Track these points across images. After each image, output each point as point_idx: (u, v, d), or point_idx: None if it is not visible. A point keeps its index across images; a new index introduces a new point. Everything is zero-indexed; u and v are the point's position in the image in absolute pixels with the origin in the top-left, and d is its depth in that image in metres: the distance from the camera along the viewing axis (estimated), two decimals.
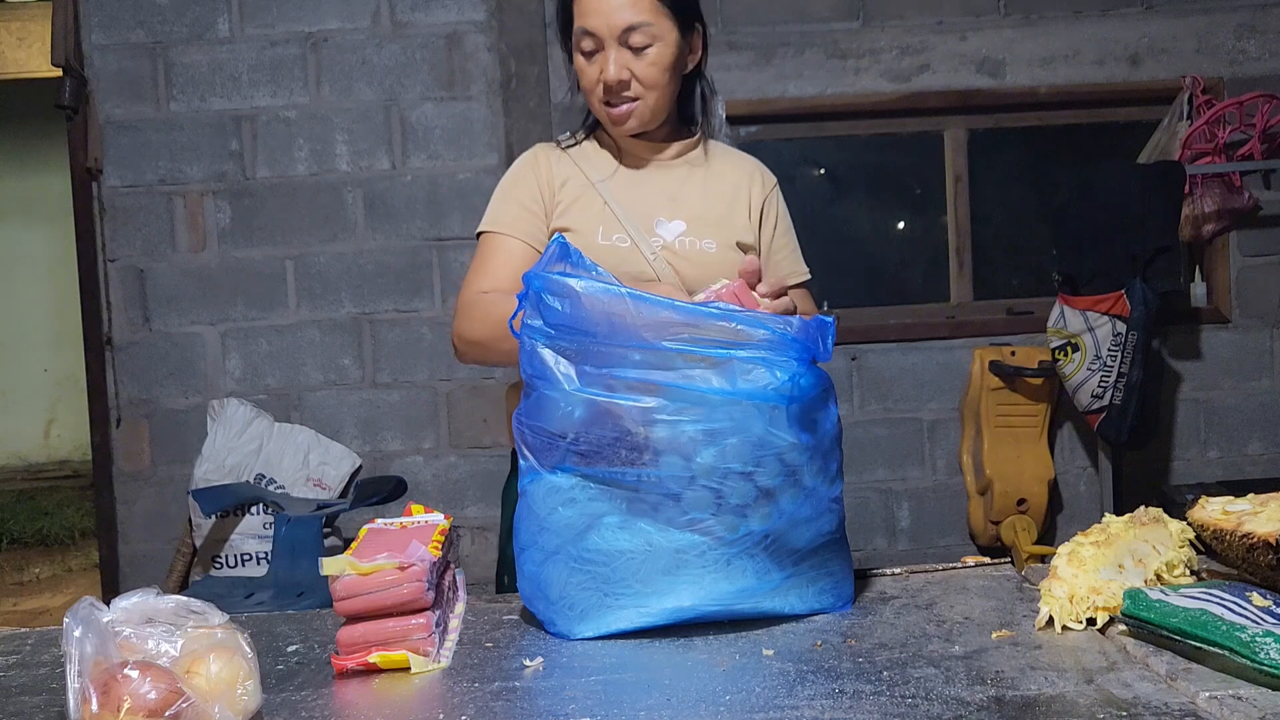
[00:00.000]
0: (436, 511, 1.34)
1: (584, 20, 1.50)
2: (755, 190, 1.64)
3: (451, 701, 0.97)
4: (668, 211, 1.58)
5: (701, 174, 1.63)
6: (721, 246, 1.57)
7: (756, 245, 1.62)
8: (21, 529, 5.96)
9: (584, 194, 1.57)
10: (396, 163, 3.66)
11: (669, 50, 1.51)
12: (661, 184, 1.60)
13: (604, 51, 1.50)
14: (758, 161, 1.70)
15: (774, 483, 1.10)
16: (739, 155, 1.69)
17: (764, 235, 1.64)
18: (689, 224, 1.57)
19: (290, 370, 3.67)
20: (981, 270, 3.90)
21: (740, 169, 1.66)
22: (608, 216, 1.55)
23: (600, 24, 1.48)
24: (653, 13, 1.49)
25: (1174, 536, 1.14)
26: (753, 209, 1.63)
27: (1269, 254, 3.81)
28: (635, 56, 1.50)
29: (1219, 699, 0.86)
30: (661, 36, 1.50)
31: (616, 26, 1.48)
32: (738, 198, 1.62)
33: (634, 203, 1.57)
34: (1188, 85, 3.61)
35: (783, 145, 3.84)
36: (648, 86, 1.51)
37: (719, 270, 1.55)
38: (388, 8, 3.65)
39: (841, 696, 0.93)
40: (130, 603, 0.90)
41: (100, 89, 3.61)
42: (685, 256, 1.55)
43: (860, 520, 3.72)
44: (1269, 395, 3.83)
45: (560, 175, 1.59)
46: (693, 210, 1.59)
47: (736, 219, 1.61)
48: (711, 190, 1.62)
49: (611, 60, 1.49)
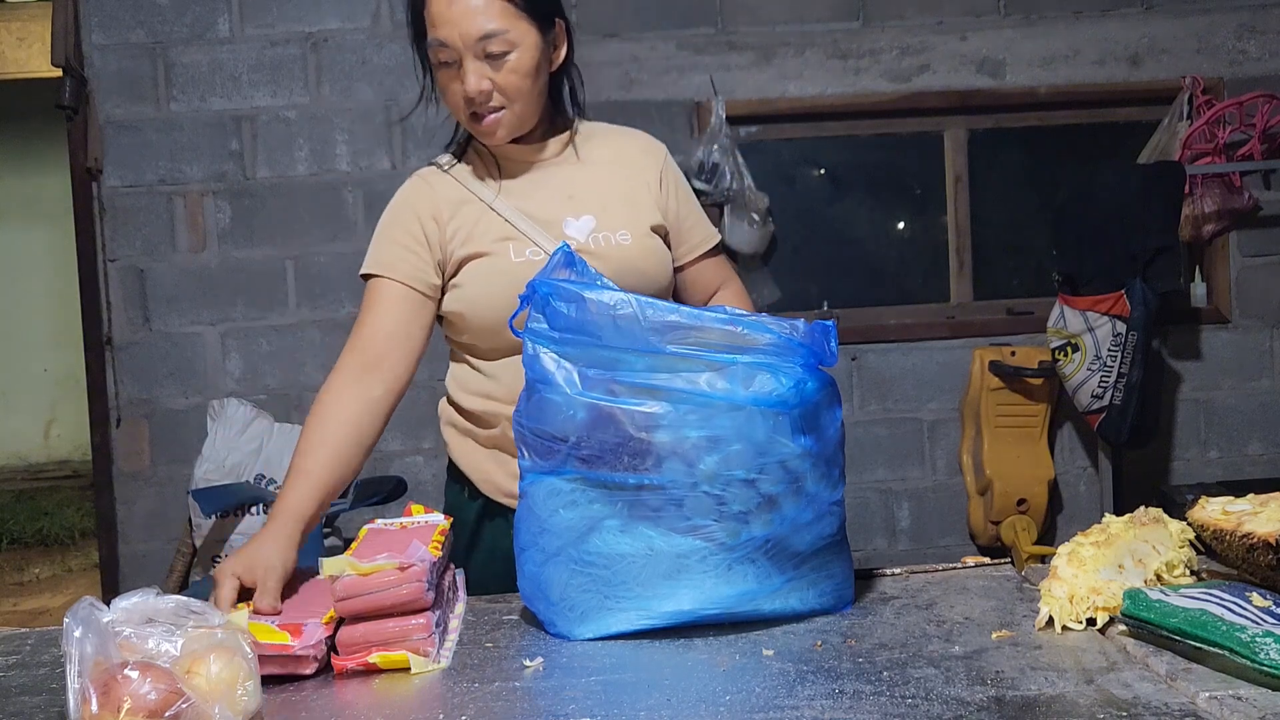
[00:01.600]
0: (436, 512, 1.34)
1: (436, 31, 1.41)
2: (649, 165, 1.57)
3: (451, 701, 0.97)
4: (571, 209, 1.50)
5: (590, 163, 1.55)
6: (636, 235, 1.50)
7: (664, 223, 1.55)
8: (21, 529, 5.96)
9: (481, 216, 1.49)
10: (396, 163, 3.66)
11: (530, 54, 1.42)
12: (555, 184, 1.53)
13: (463, 64, 1.41)
14: (639, 133, 1.62)
15: (777, 489, 1.10)
16: (619, 132, 1.61)
17: (669, 209, 1.57)
18: (597, 217, 1.50)
19: (290, 370, 3.66)
20: (981, 270, 3.90)
21: (630, 146, 1.58)
22: (512, 233, 1.48)
23: (453, 34, 1.40)
24: (507, 18, 1.40)
25: (1174, 536, 1.14)
26: (651, 185, 1.55)
27: (1269, 254, 3.80)
28: (494, 66, 1.41)
29: (1219, 699, 0.86)
30: (519, 41, 1.41)
31: (470, 36, 1.39)
32: (635, 179, 1.55)
33: (534, 211, 1.49)
34: (1188, 85, 3.61)
35: (783, 145, 3.83)
36: (511, 96, 1.43)
37: (638, 262, 1.49)
38: (388, 8, 3.65)
39: (841, 696, 0.93)
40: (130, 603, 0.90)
41: (100, 89, 3.61)
42: (601, 254, 1.46)
43: (860, 520, 3.72)
44: (1269, 395, 3.82)
45: (450, 201, 1.50)
46: (596, 202, 1.51)
47: (641, 202, 1.53)
48: (608, 176, 1.54)
49: (470, 72, 1.41)
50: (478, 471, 1.55)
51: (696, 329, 1.09)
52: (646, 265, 1.50)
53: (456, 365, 1.58)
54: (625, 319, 1.09)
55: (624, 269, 1.45)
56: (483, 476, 1.55)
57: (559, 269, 1.18)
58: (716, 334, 1.10)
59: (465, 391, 1.55)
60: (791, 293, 3.81)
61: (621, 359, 1.10)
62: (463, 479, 1.59)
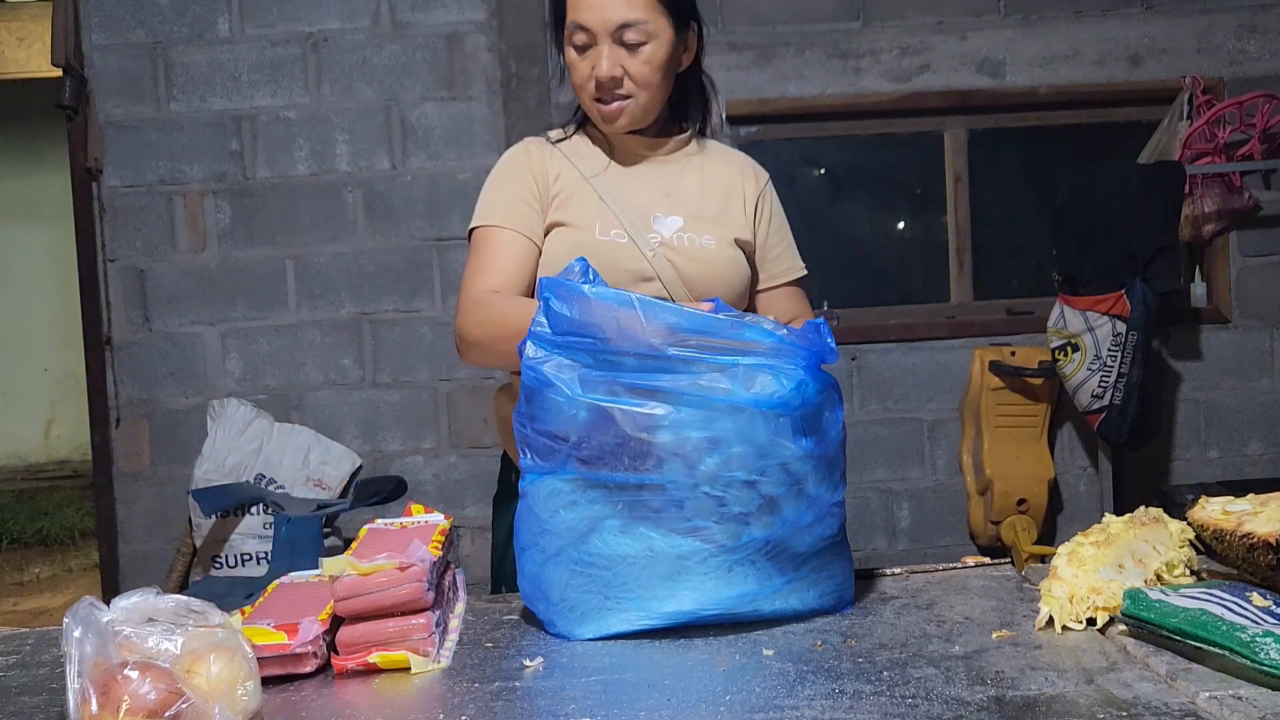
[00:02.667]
0: (437, 511, 1.34)
1: (577, 14, 1.47)
2: (749, 186, 1.62)
3: (451, 701, 0.97)
4: (664, 207, 1.55)
5: (696, 170, 1.60)
6: (720, 243, 1.55)
7: (752, 241, 1.61)
8: (21, 529, 5.96)
9: (578, 189, 1.54)
10: (396, 163, 3.66)
11: (663, 48, 1.48)
12: (656, 179, 1.58)
13: (597, 47, 1.47)
14: (750, 158, 1.68)
15: (778, 491, 1.10)
16: (732, 152, 1.67)
17: (759, 231, 1.62)
18: (686, 220, 1.55)
19: (290, 370, 3.66)
20: (981, 270, 3.90)
21: (734, 165, 1.64)
22: (604, 211, 1.52)
23: (594, 19, 1.45)
24: (648, 10, 1.46)
25: (1174, 536, 1.14)
26: (747, 205, 1.61)
27: (1269, 254, 3.80)
28: (629, 54, 1.47)
29: (1219, 699, 0.86)
30: (656, 34, 1.47)
31: (611, 22, 1.45)
32: (732, 194, 1.60)
33: (629, 198, 1.54)
34: (1188, 85, 3.61)
35: (783, 145, 3.83)
36: (640, 85, 1.49)
37: (718, 266, 1.54)
38: (388, 8, 3.65)
39: (841, 696, 0.93)
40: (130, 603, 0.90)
41: (100, 89, 3.61)
42: (683, 252, 1.52)
43: (860, 520, 3.72)
44: (1269, 395, 3.83)
45: (553, 169, 1.56)
46: (689, 206, 1.56)
47: (733, 215, 1.59)
48: (706, 186, 1.59)
49: (604, 57, 1.46)
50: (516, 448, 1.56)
51: (698, 331, 1.09)
52: (725, 272, 1.54)
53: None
54: (627, 320, 1.09)
55: (704, 271, 1.52)
56: None
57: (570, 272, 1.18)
58: (717, 336, 1.09)
59: None
60: None
61: (623, 360, 1.10)
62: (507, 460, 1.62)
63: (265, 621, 1.10)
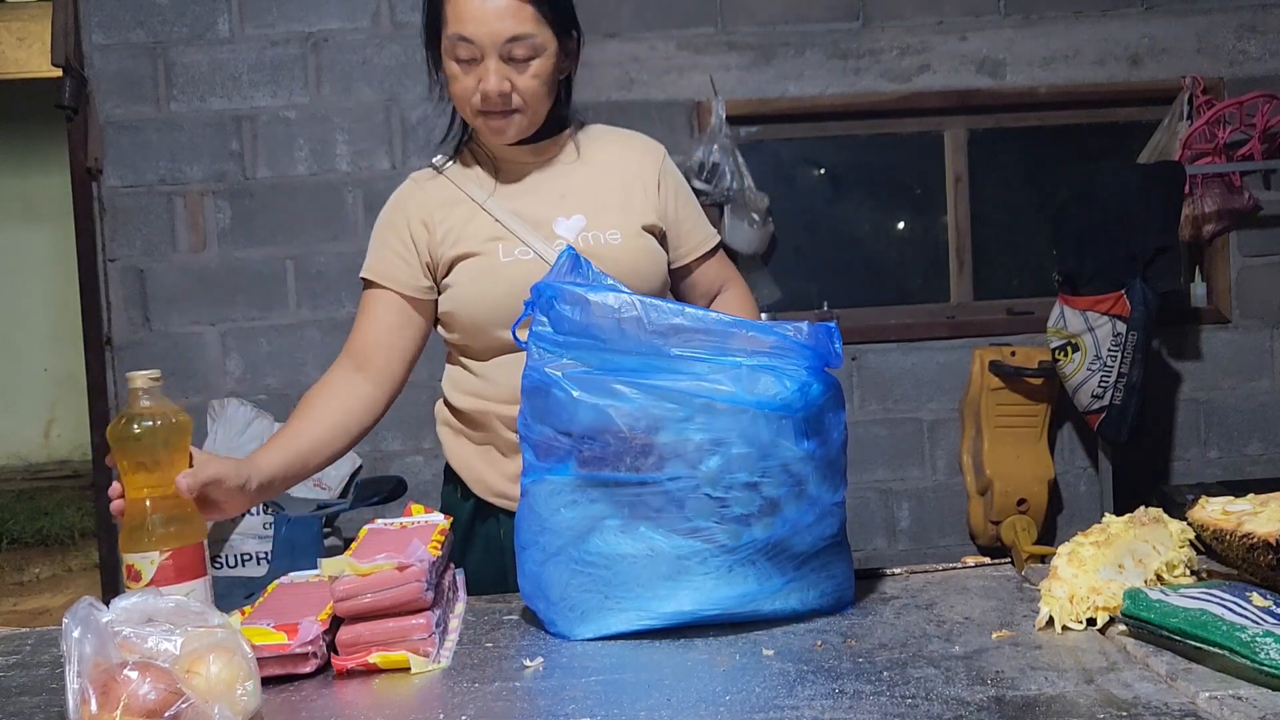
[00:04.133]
0: (436, 511, 1.34)
1: (461, 27, 1.40)
2: (647, 166, 1.57)
3: (451, 701, 0.97)
4: (563, 209, 1.51)
5: (587, 164, 1.55)
6: (626, 235, 1.50)
7: (661, 223, 1.55)
8: (21, 529, 5.96)
9: (473, 216, 1.50)
10: (396, 163, 3.66)
11: (550, 61, 1.44)
12: (548, 184, 1.53)
13: (483, 62, 1.41)
14: (639, 135, 1.62)
15: (779, 492, 1.09)
16: (620, 133, 1.62)
17: (666, 211, 1.57)
18: (588, 217, 1.50)
19: (290, 370, 3.66)
20: (981, 270, 3.90)
21: (626, 149, 1.59)
22: (502, 233, 1.49)
23: (481, 33, 1.39)
24: (535, 23, 1.41)
25: (1174, 536, 1.14)
26: (648, 186, 1.55)
27: (1269, 254, 3.81)
28: (516, 68, 1.42)
29: (1219, 699, 0.86)
30: (544, 48, 1.42)
31: (499, 36, 1.39)
32: (630, 179, 1.55)
33: (525, 211, 1.50)
34: (1188, 85, 3.61)
35: (783, 145, 3.84)
36: (528, 100, 1.44)
37: (629, 259, 1.49)
38: (388, 8, 3.65)
39: (841, 696, 0.93)
40: (130, 603, 0.90)
41: (100, 89, 3.61)
42: (592, 252, 1.45)
43: (860, 520, 3.72)
44: (1269, 395, 3.83)
45: (442, 203, 1.51)
46: (588, 201, 1.52)
47: (634, 203, 1.54)
48: (602, 177, 1.55)
49: (492, 72, 1.41)
50: (470, 471, 1.56)
51: (701, 332, 1.09)
52: (637, 264, 1.50)
53: (451, 366, 1.60)
54: (629, 322, 1.09)
55: (614, 268, 1.43)
56: (475, 476, 1.56)
57: (565, 272, 1.18)
58: (721, 337, 1.09)
59: (458, 391, 1.56)
60: (792, 293, 3.81)
61: (625, 361, 1.10)
62: (456, 479, 1.60)
63: (265, 621, 1.10)
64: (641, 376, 1.09)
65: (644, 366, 1.09)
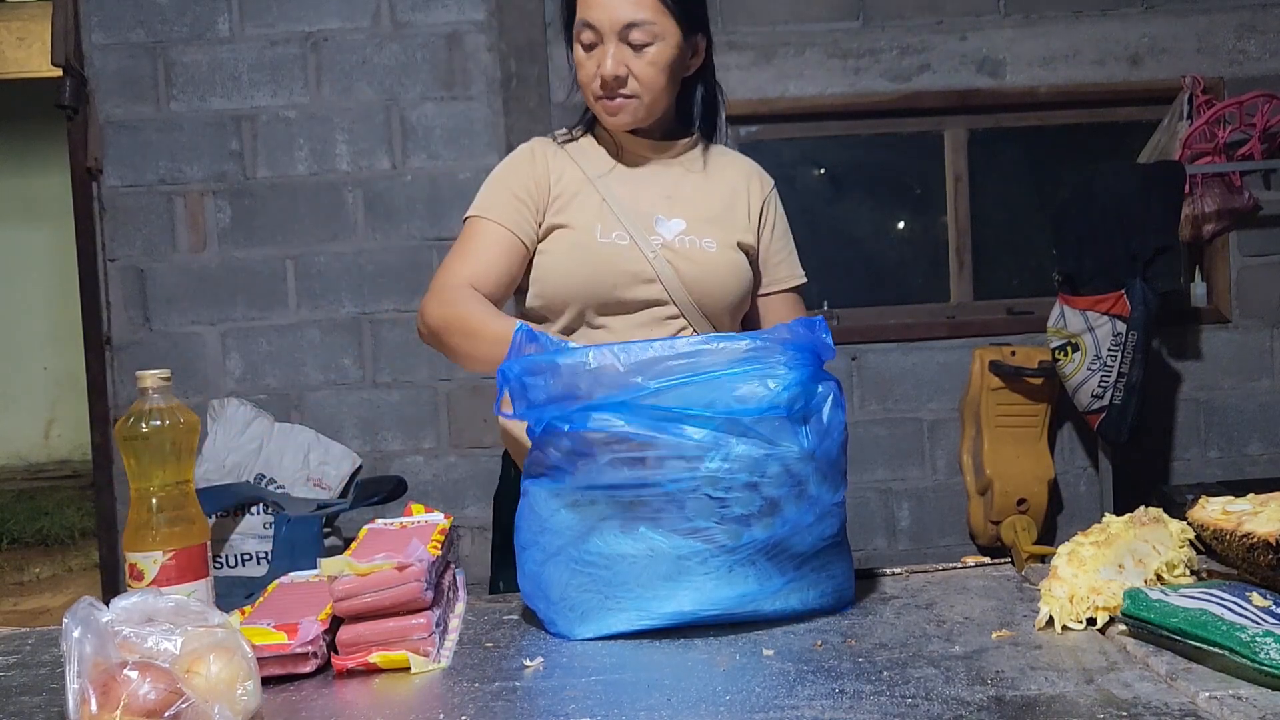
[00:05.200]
0: (437, 511, 1.34)
1: (586, 12, 1.49)
2: (754, 191, 1.64)
3: (451, 701, 0.97)
4: (666, 209, 1.56)
5: (700, 174, 1.62)
6: (721, 246, 1.56)
7: (755, 246, 1.62)
8: (21, 529, 5.96)
9: (581, 190, 1.56)
10: (396, 163, 3.66)
11: (669, 50, 1.49)
12: (660, 182, 1.59)
13: (603, 45, 1.48)
14: (755, 164, 1.69)
15: (779, 492, 1.09)
16: (737, 157, 1.68)
17: (763, 237, 1.64)
18: (688, 222, 1.56)
19: (290, 370, 3.67)
20: (981, 270, 3.90)
21: (739, 170, 1.65)
22: (606, 213, 1.54)
23: (601, 17, 1.47)
24: (655, 11, 1.47)
25: (1174, 536, 1.14)
26: (751, 210, 1.62)
27: (1269, 254, 3.81)
28: (634, 53, 1.48)
29: (1219, 699, 0.86)
30: (662, 36, 1.48)
31: (618, 21, 1.46)
32: (736, 198, 1.61)
33: (632, 200, 1.56)
34: (1188, 85, 3.61)
35: (783, 145, 3.84)
36: (644, 85, 1.50)
37: (718, 269, 1.55)
38: (388, 8, 3.65)
39: (841, 696, 0.93)
40: (130, 602, 0.89)
41: (100, 89, 3.61)
42: (685, 255, 1.53)
43: (860, 520, 3.72)
44: (1269, 395, 3.83)
45: (556, 170, 1.57)
46: (692, 208, 1.57)
47: (736, 219, 1.60)
48: (710, 189, 1.60)
49: (610, 55, 1.48)
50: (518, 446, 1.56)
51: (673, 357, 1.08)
52: (726, 275, 1.55)
53: None
54: (604, 370, 1.08)
55: (704, 273, 1.53)
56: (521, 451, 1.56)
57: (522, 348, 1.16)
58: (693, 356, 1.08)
59: None
60: None
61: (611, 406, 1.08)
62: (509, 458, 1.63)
63: (265, 621, 1.10)
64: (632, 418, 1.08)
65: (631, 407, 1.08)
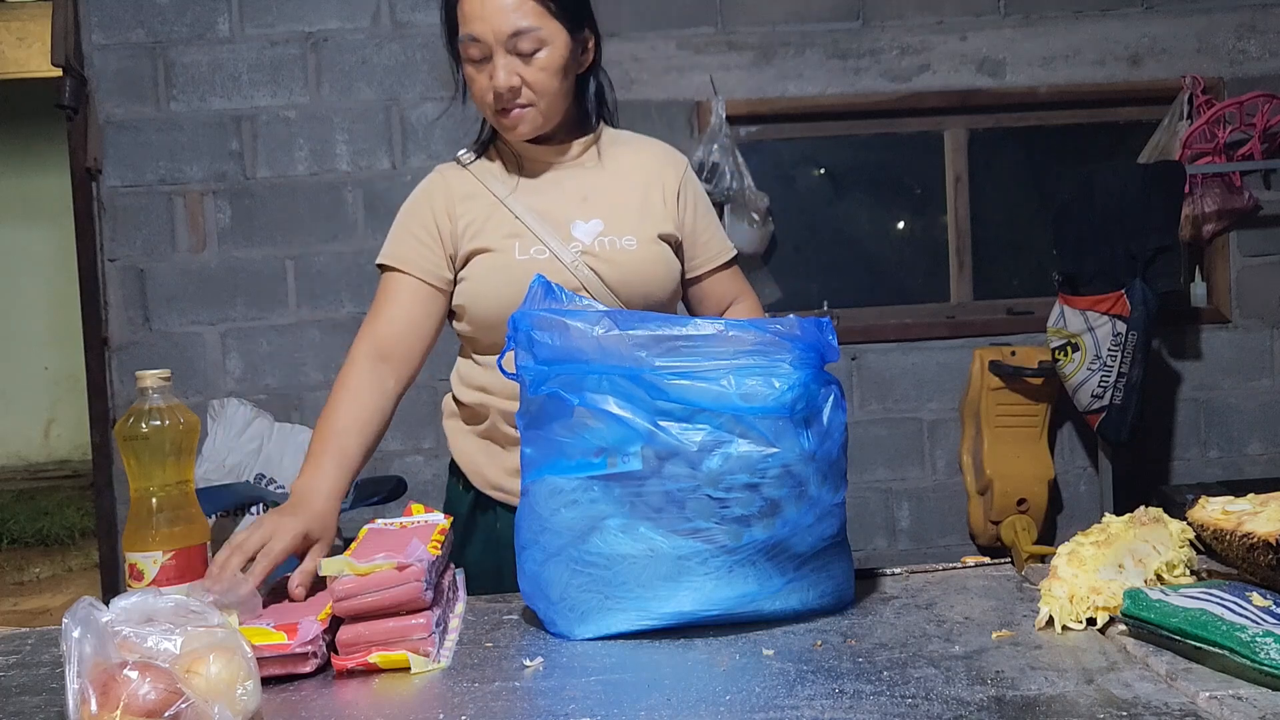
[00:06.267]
0: (437, 511, 1.34)
1: (469, 26, 1.45)
2: (669, 176, 1.59)
3: (451, 701, 0.97)
4: (582, 212, 1.52)
5: (609, 169, 1.57)
6: (642, 241, 1.52)
7: (677, 233, 1.57)
8: (21, 529, 5.96)
9: (493, 212, 1.52)
10: (396, 163, 3.66)
11: (559, 54, 1.45)
12: (570, 186, 1.55)
13: (492, 59, 1.44)
14: (665, 145, 1.64)
15: (779, 493, 1.09)
16: (646, 141, 1.63)
17: (685, 220, 1.59)
18: (606, 222, 1.52)
19: (290, 370, 3.67)
20: (981, 270, 3.90)
21: (649, 156, 1.60)
22: (521, 230, 1.50)
23: (485, 30, 1.43)
24: (538, 16, 1.43)
25: (1174, 536, 1.14)
26: (668, 196, 1.57)
27: (1269, 254, 3.81)
28: (524, 62, 1.45)
29: (1219, 699, 0.86)
30: (550, 40, 1.44)
31: (502, 32, 1.42)
32: (650, 187, 1.57)
33: (545, 210, 1.52)
34: (1188, 85, 3.61)
35: (783, 145, 3.83)
36: (539, 92, 1.46)
37: (642, 266, 1.51)
38: (388, 8, 3.65)
39: (841, 696, 0.93)
40: (129, 602, 0.90)
41: (100, 89, 3.61)
42: (605, 258, 1.49)
43: (860, 520, 3.72)
44: (1269, 395, 3.83)
45: (464, 196, 1.54)
46: (607, 207, 1.53)
47: (653, 210, 1.55)
48: (622, 184, 1.56)
49: (500, 67, 1.44)
50: (470, 464, 1.58)
51: (683, 339, 1.08)
52: (650, 271, 1.53)
53: (461, 359, 1.63)
54: (610, 339, 1.09)
55: (627, 273, 1.50)
56: (474, 469, 1.57)
57: (539, 300, 1.17)
58: (703, 341, 1.08)
59: (463, 384, 1.58)
60: (791, 293, 3.81)
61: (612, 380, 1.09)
62: (459, 472, 1.61)
63: (265, 621, 1.10)
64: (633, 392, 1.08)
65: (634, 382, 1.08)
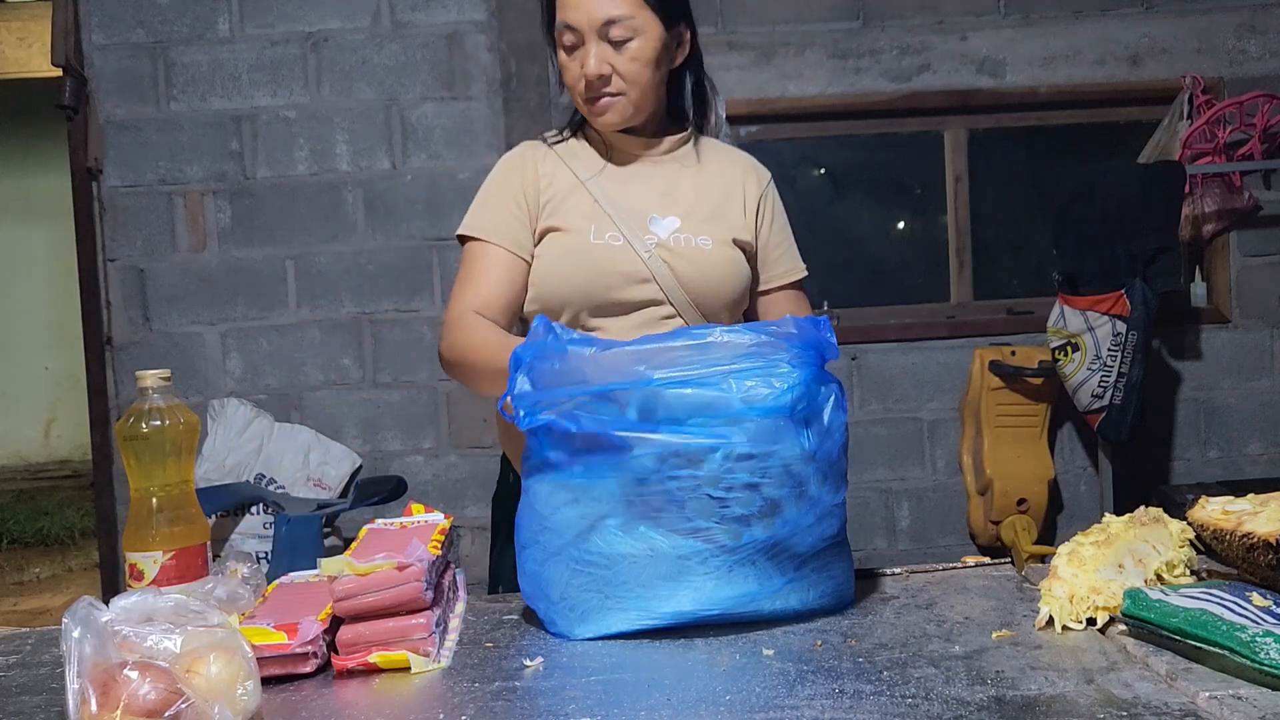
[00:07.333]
0: (437, 511, 1.34)
1: (565, 14, 1.48)
2: (750, 186, 1.61)
3: (451, 701, 0.97)
4: (660, 207, 1.54)
5: (694, 170, 1.59)
6: (717, 243, 1.54)
7: (753, 242, 1.60)
8: (21, 529, 5.96)
9: (573, 192, 1.54)
10: (396, 163, 3.66)
11: (650, 44, 1.48)
12: (653, 180, 1.57)
13: (585, 46, 1.47)
14: (752, 158, 1.66)
15: (780, 493, 1.09)
16: (733, 151, 1.66)
17: (760, 232, 1.61)
18: (683, 220, 1.54)
19: (290, 370, 3.66)
20: (981, 270, 3.90)
21: (735, 165, 1.63)
22: (599, 214, 1.52)
23: (580, 18, 1.46)
24: (633, 6, 1.46)
25: (1174, 536, 1.14)
26: (748, 205, 1.60)
27: (1269, 254, 3.81)
28: (616, 51, 1.47)
29: (1219, 699, 0.86)
30: (642, 30, 1.47)
31: (596, 20, 1.45)
32: (732, 194, 1.59)
33: (625, 199, 1.54)
34: (1188, 85, 3.61)
35: (783, 145, 3.83)
36: (629, 81, 1.49)
37: (715, 267, 1.53)
38: (388, 8, 3.65)
39: (841, 696, 0.93)
40: (129, 602, 0.89)
41: (100, 89, 3.61)
42: (680, 253, 1.51)
43: (860, 520, 3.72)
44: (1269, 395, 3.83)
45: (546, 173, 1.56)
46: (686, 206, 1.55)
47: (732, 215, 1.57)
48: (705, 186, 1.58)
49: (591, 54, 1.47)
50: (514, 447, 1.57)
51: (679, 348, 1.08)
52: (722, 273, 1.54)
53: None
54: (608, 357, 1.09)
55: (700, 271, 1.52)
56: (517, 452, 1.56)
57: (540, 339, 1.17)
58: (699, 349, 1.08)
59: None
60: None
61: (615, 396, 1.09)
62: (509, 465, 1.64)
63: (265, 621, 1.10)
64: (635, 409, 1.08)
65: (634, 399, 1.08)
